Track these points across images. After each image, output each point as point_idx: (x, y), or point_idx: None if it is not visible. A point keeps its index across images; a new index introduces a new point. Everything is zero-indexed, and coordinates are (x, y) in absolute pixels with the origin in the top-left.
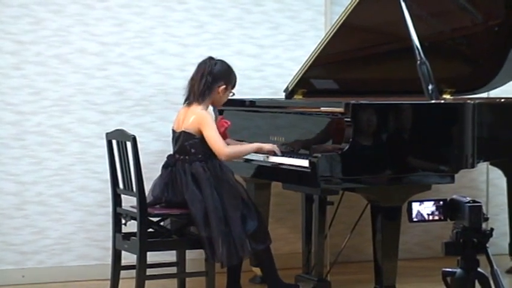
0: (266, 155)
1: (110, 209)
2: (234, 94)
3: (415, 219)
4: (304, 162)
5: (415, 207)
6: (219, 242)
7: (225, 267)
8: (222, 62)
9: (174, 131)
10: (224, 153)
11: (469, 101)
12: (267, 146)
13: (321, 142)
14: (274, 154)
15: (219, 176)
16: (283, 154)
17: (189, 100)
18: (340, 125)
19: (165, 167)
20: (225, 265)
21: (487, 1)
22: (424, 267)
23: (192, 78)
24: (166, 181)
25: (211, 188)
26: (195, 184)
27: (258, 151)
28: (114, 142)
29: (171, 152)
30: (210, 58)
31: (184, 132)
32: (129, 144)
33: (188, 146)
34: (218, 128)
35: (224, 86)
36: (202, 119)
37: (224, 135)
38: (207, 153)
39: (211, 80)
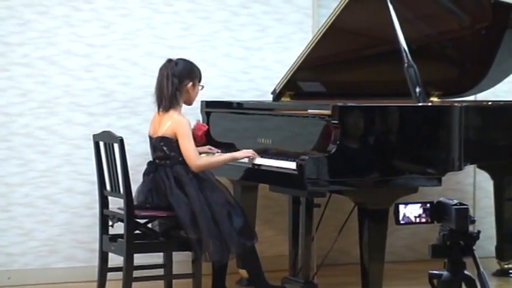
0: (250, 158)
1: (97, 211)
2: (203, 87)
3: (402, 222)
4: (291, 165)
5: (402, 209)
6: (209, 242)
7: (211, 269)
8: (182, 60)
9: (150, 137)
10: (195, 165)
11: (456, 104)
12: (241, 154)
13: (308, 144)
14: (252, 157)
15: (201, 177)
16: (271, 156)
17: (163, 106)
18: (327, 127)
19: (146, 173)
20: (217, 263)
21: (474, 4)
22: (410, 270)
23: (160, 84)
24: (150, 187)
25: (196, 189)
26: (179, 187)
27: (232, 161)
28: (101, 144)
29: (151, 159)
30: (169, 60)
31: (162, 137)
32: (116, 146)
33: (168, 150)
34: (195, 132)
35: (191, 83)
36: (179, 126)
37: (201, 139)
38: None
39: (177, 81)
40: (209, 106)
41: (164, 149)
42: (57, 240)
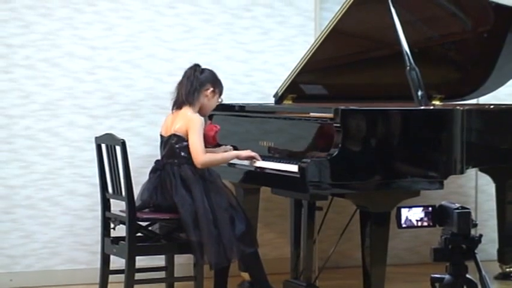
0: (252, 160)
1: (99, 213)
2: (222, 101)
3: (404, 225)
4: (293, 168)
5: (404, 213)
6: (208, 244)
7: (212, 271)
8: (209, 69)
9: (162, 136)
10: (199, 161)
11: (458, 107)
12: (245, 154)
13: (310, 147)
14: (254, 160)
15: (207, 179)
16: (273, 159)
17: (178, 103)
18: (329, 130)
19: (153, 171)
20: (214, 267)
21: (477, 8)
22: (412, 273)
23: (180, 83)
24: (155, 185)
25: (201, 191)
26: (184, 187)
27: (236, 158)
28: (103, 146)
29: (159, 158)
30: (197, 65)
31: (174, 135)
32: (118, 149)
33: (178, 149)
34: (207, 132)
35: (212, 89)
36: (191, 121)
37: (214, 140)
38: None
39: (198, 84)
40: None
41: (175, 147)
42: (59, 242)
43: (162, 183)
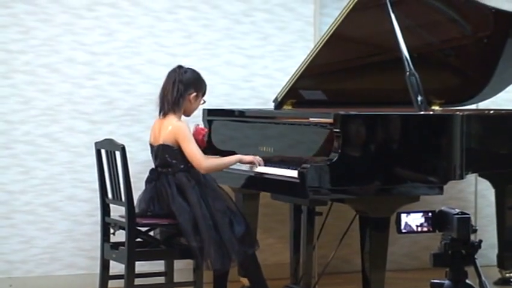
0: (251, 165)
1: (98, 219)
2: (205, 102)
3: (403, 231)
4: (293, 173)
5: (404, 218)
6: (210, 249)
7: (212, 276)
8: (192, 70)
9: (151, 145)
10: (203, 167)
11: (457, 113)
12: (248, 158)
13: (310, 153)
14: (255, 165)
15: (203, 184)
16: (272, 164)
17: (164, 110)
18: (329, 135)
19: (148, 181)
20: (218, 271)
21: (476, 13)
22: (412, 279)
23: (164, 88)
24: (151, 195)
25: (198, 196)
26: (180, 195)
27: (239, 162)
28: (103, 151)
29: (153, 166)
30: (179, 66)
31: (162, 145)
32: (118, 154)
33: (169, 157)
34: (196, 136)
35: (195, 94)
36: (179, 131)
37: (202, 143)
38: (189, 162)
39: (182, 88)
40: (211, 114)
41: (166, 156)
42: (58, 247)
43: (158, 193)
